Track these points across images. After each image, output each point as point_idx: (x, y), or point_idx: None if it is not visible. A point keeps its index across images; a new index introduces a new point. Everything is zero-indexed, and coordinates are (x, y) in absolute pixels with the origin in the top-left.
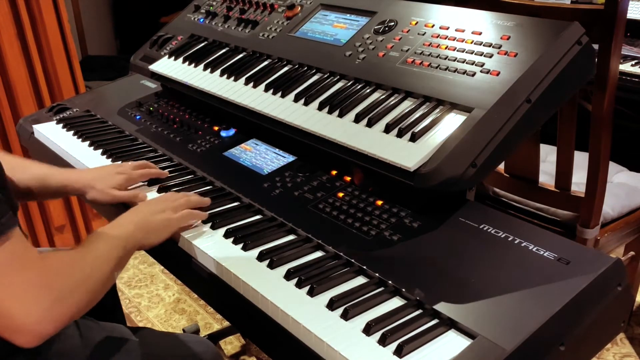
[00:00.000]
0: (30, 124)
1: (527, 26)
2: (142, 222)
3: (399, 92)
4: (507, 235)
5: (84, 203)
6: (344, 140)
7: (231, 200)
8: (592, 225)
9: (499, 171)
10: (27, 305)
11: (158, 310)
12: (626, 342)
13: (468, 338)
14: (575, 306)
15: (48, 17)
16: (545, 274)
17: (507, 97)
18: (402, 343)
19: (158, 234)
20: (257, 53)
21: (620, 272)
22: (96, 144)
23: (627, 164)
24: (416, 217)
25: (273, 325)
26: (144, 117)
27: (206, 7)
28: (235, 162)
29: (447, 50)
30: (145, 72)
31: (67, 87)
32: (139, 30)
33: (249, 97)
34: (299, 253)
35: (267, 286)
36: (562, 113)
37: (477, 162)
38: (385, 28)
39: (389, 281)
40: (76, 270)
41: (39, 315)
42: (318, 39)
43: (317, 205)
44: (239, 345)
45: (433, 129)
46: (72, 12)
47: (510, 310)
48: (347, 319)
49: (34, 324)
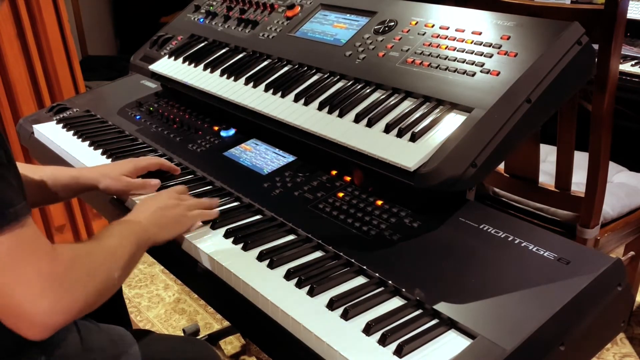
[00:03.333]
0: (30, 124)
1: (527, 26)
2: (156, 216)
3: (399, 92)
4: (507, 235)
5: (84, 203)
6: (344, 140)
7: (231, 200)
8: (592, 225)
9: (499, 171)
10: (36, 294)
11: (158, 310)
12: (626, 342)
13: (468, 338)
14: (575, 306)
15: (48, 17)
16: (545, 274)
17: (507, 97)
18: (402, 343)
19: (170, 229)
20: (257, 53)
21: (620, 272)
22: (96, 144)
23: (627, 164)
24: (416, 217)
25: (273, 325)
26: (144, 117)
27: (206, 7)
28: (235, 162)
29: (447, 50)
30: (145, 72)
31: (67, 87)
32: (139, 30)
33: (249, 97)
34: (299, 253)
35: (267, 286)
36: (562, 113)
37: (477, 162)
38: (385, 28)
39: (389, 281)
40: (87, 262)
41: (48, 306)
42: (318, 39)
43: (317, 205)
44: (239, 345)
45: (433, 129)
46: (72, 12)
47: (510, 310)
48: (347, 319)
49: (42, 314)
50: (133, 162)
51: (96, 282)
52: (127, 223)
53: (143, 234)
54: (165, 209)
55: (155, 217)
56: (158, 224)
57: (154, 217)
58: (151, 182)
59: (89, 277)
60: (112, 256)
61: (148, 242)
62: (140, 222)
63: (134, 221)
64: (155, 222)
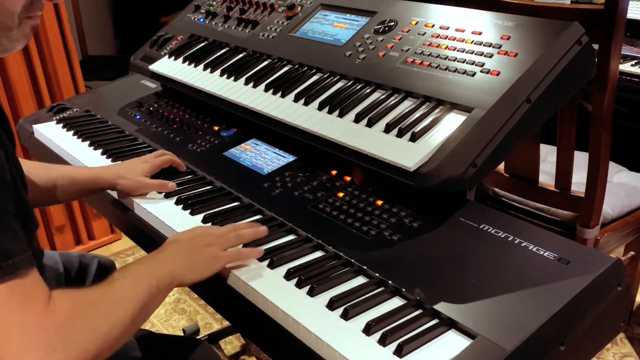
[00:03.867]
0: (30, 124)
1: (527, 26)
2: (185, 257)
3: (399, 92)
4: (507, 235)
5: (84, 203)
6: (344, 140)
7: (231, 200)
8: (592, 225)
9: (499, 171)
10: (26, 347)
11: (158, 310)
12: (626, 342)
13: (468, 338)
14: (575, 306)
15: (48, 17)
16: (545, 274)
17: (507, 97)
18: (402, 343)
19: (200, 271)
20: (257, 53)
21: (620, 272)
22: (96, 144)
23: (627, 164)
24: (416, 217)
25: (273, 325)
26: (144, 117)
27: (206, 7)
28: (235, 162)
29: (447, 50)
30: (145, 72)
31: (67, 87)
32: (139, 30)
33: (249, 97)
34: (299, 253)
35: (267, 286)
36: (562, 113)
37: (477, 162)
38: (385, 28)
39: (389, 281)
40: (89, 312)
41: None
42: (318, 39)
43: (317, 205)
44: (239, 345)
45: (433, 129)
46: (72, 12)
47: (510, 310)
48: (347, 319)
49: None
50: (149, 161)
51: (98, 335)
52: (147, 263)
53: (166, 276)
54: (197, 248)
55: (184, 258)
56: (185, 266)
57: (183, 258)
58: (168, 185)
59: (89, 330)
60: (121, 304)
61: (172, 284)
62: (164, 261)
63: (157, 260)
64: (183, 264)
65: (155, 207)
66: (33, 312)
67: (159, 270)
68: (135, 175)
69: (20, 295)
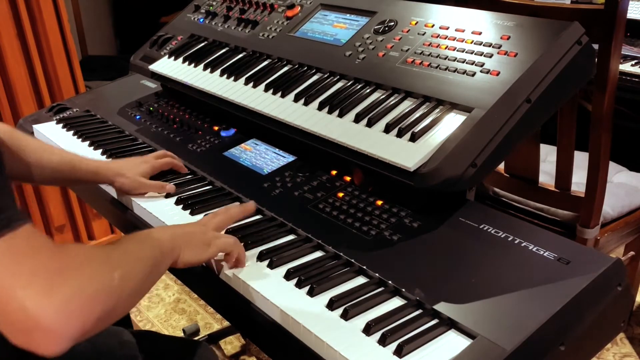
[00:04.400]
0: (30, 124)
1: (527, 26)
2: (180, 234)
3: (399, 92)
4: (507, 235)
5: (84, 203)
6: (344, 140)
7: (231, 200)
8: (592, 225)
9: (499, 171)
10: (39, 294)
11: (158, 310)
12: (626, 342)
13: (468, 338)
14: (575, 306)
15: (48, 17)
16: (545, 274)
17: (507, 97)
18: (402, 343)
19: (196, 251)
20: (257, 53)
21: (620, 272)
22: (96, 144)
23: (627, 164)
24: (416, 217)
25: (273, 325)
26: (144, 117)
27: (206, 7)
28: (235, 162)
29: (447, 50)
30: (145, 72)
31: (67, 87)
32: (139, 30)
33: (248, 97)
34: (299, 253)
35: (267, 286)
36: (562, 113)
37: (477, 162)
38: (385, 28)
39: (389, 281)
40: (99, 261)
41: (56, 308)
42: (318, 39)
43: (317, 205)
44: (239, 345)
45: (433, 129)
46: (72, 12)
47: (510, 310)
48: (347, 319)
49: (50, 318)
50: (150, 162)
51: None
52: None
53: (167, 243)
54: (191, 233)
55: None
56: (183, 239)
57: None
58: (166, 187)
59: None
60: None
61: (173, 252)
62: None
63: (157, 230)
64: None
65: (155, 207)
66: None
67: (161, 237)
68: (135, 174)
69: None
